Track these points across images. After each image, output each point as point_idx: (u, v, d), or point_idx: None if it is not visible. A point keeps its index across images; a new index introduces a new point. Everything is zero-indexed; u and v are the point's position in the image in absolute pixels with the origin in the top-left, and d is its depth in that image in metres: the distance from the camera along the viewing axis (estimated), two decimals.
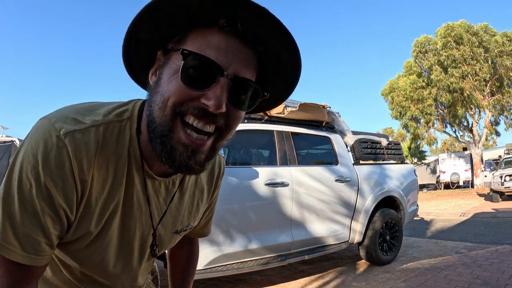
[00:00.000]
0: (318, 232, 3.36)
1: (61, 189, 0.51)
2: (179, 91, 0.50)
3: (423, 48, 19.15)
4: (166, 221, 0.69)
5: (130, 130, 0.57)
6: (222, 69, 0.50)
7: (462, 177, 20.17)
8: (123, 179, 0.58)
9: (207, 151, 0.55)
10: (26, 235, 0.51)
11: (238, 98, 0.53)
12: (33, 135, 0.52)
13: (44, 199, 0.51)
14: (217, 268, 2.70)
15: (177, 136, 0.52)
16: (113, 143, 0.55)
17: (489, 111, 18.41)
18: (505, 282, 2.96)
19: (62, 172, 0.51)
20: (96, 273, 0.65)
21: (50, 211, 0.52)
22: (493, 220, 7.84)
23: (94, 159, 0.53)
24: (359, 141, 4.10)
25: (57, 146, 0.50)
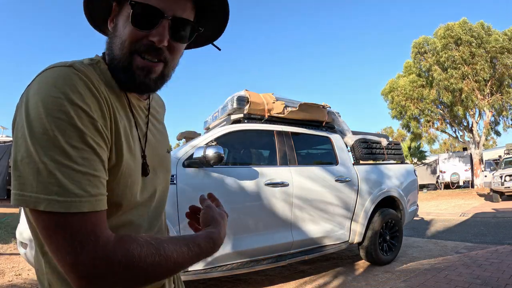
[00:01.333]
0: (318, 232, 3.36)
1: (94, 108, 0.55)
2: (132, 33, 0.63)
3: (422, 48, 19.16)
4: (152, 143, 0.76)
5: (105, 68, 0.66)
6: (163, 12, 0.63)
7: (462, 177, 20.17)
8: (125, 105, 0.67)
9: (159, 73, 0.67)
10: (85, 175, 0.50)
11: (178, 34, 0.66)
12: (44, 79, 0.54)
13: (86, 125, 0.52)
14: (217, 268, 2.70)
15: (135, 64, 0.64)
16: (101, 76, 0.63)
17: (488, 111, 18.42)
18: (505, 282, 2.96)
19: (90, 92, 0.56)
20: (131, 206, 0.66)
21: (96, 135, 0.53)
22: (493, 220, 7.84)
23: (99, 84, 0.59)
24: (359, 141, 4.10)
25: (74, 73, 0.55)
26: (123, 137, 0.62)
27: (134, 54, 0.63)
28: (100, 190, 0.52)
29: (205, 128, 4.37)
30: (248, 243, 2.87)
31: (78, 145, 0.50)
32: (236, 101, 3.25)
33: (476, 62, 17.04)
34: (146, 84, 0.66)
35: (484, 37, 17.22)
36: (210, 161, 2.58)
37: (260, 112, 3.36)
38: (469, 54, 17.07)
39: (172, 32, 0.65)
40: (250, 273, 3.68)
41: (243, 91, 3.32)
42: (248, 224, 2.90)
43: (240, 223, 2.84)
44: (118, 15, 0.66)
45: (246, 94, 3.28)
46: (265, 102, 3.39)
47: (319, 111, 3.80)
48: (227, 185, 2.79)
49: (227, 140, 3.09)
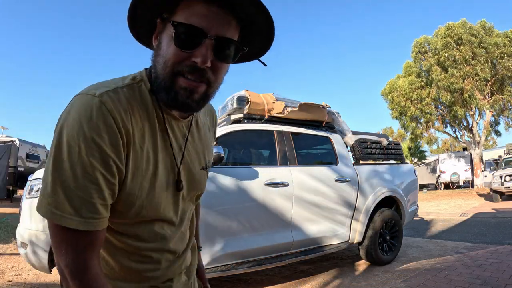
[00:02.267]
0: (318, 232, 3.36)
1: (108, 141, 0.59)
2: (175, 54, 0.63)
3: (423, 48, 19.15)
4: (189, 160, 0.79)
5: (146, 88, 0.69)
6: (205, 32, 0.62)
7: (462, 177, 20.16)
8: (156, 128, 0.69)
9: (201, 93, 0.67)
10: (80, 199, 0.58)
11: (221, 53, 0.66)
12: (71, 107, 0.60)
13: (94, 156, 0.58)
14: (217, 268, 2.70)
15: (178, 84, 0.64)
16: (137, 98, 0.67)
17: (489, 111, 18.41)
18: (505, 282, 2.96)
19: (106, 125, 0.59)
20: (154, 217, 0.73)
21: (101, 167, 0.59)
22: (493, 220, 7.84)
23: (129, 111, 0.63)
24: (359, 141, 4.10)
25: (96, 105, 0.59)
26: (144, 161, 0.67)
27: (177, 75, 0.64)
28: (93, 214, 0.59)
29: None
30: (248, 243, 2.87)
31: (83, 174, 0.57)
32: (236, 101, 3.25)
33: (476, 62, 17.03)
34: (188, 104, 0.66)
35: (485, 36, 17.21)
36: None
37: (260, 112, 3.36)
38: (469, 53, 17.06)
39: (215, 52, 0.64)
40: (250, 273, 3.68)
41: (243, 91, 3.32)
42: (248, 224, 2.90)
43: (240, 223, 2.84)
44: (162, 33, 0.67)
45: (246, 94, 3.28)
46: (265, 102, 3.39)
47: (319, 111, 3.80)
48: (227, 185, 2.79)
49: (227, 140, 3.09)
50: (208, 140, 0.87)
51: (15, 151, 12.50)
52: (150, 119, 0.68)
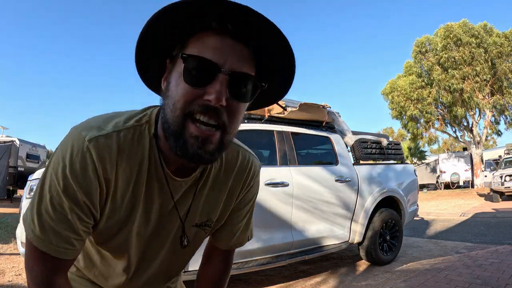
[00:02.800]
0: (318, 232, 3.36)
1: (85, 189, 0.59)
2: (185, 92, 0.56)
3: (424, 47, 19.14)
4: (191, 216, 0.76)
5: (149, 133, 0.64)
6: (219, 66, 0.55)
7: (462, 177, 20.17)
8: (144, 178, 0.65)
9: (216, 142, 0.59)
10: (54, 230, 0.59)
11: (237, 91, 0.58)
12: (63, 142, 0.61)
13: (70, 198, 0.59)
14: None
15: (188, 131, 0.57)
16: (134, 145, 0.63)
17: (489, 111, 18.40)
18: (505, 282, 2.96)
19: (85, 174, 0.59)
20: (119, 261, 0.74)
21: (76, 208, 0.59)
22: (493, 220, 7.84)
23: (117, 160, 0.61)
24: (359, 141, 4.10)
25: (82, 151, 0.58)
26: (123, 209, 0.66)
27: (187, 118, 0.57)
28: (65, 245, 0.60)
29: None
30: (248, 243, 2.87)
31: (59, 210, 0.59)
32: None
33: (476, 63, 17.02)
34: (199, 156, 0.58)
35: (484, 37, 17.20)
36: None
37: (260, 112, 3.36)
38: (469, 54, 17.06)
39: (230, 89, 0.57)
40: (250, 273, 3.67)
41: None
42: None
43: None
44: (171, 73, 0.61)
45: None
46: None
47: (319, 111, 3.79)
48: None
49: None
50: (212, 197, 0.76)
51: (15, 151, 12.50)
52: (142, 169, 0.64)
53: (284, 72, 0.64)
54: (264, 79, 0.62)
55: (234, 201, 0.82)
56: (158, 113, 0.66)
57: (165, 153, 0.65)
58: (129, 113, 0.66)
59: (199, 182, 0.72)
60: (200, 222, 0.78)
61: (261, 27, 0.56)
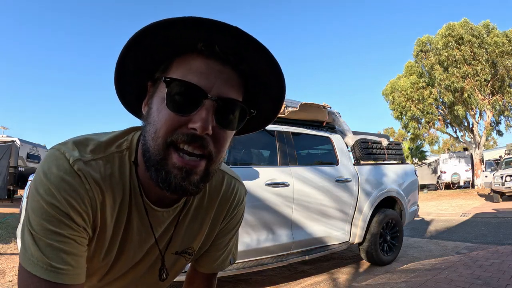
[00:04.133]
0: (318, 233, 3.36)
1: (76, 207, 0.54)
2: (168, 119, 0.52)
3: (425, 47, 19.13)
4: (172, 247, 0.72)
5: (129, 160, 0.60)
6: (205, 91, 0.51)
7: (463, 177, 20.15)
8: (126, 208, 0.61)
9: (201, 173, 0.55)
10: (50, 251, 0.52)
11: (225, 118, 0.54)
12: (45, 162, 0.55)
13: (59, 218, 0.52)
14: None
15: (171, 161, 0.53)
16: (115, 173, 0.58)
17: (489, 111, 18.39)
18: (505, 283, 2.95)
19: (75, 193, 0.53)
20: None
21: (68, 228, 0.53)
22: (494, 221, 7.83)
23: (101, 185, 0.56)
24: (359, 141, 4.10)
25: (70, 170, 0.54)
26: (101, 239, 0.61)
27: (170, 147, 0.52)
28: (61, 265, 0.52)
29: None
30: (248, 243, 2.87)
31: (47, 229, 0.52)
32: None
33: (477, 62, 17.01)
34: (183, 188, 0.54)
35: (485, 37, 17.19)
36: None
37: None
38: (470, 53, 17.05)
39: (217, 116, 0.53)
40: (250, 273, 3.67)
41: None
42: (249, 225, 2.89)
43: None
44: (153, 97, 0.56)
45: None
46: None
47: (320, 111, 3.79)
48: None
49: None
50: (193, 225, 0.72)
51: (16, 151, 12.51)
52: (124, 198, 0.60)
53: (273, 96, 0.61)
54: (252, 104, 0.59)
55: (217, 229, 0.78)
56: (139, 138, 0.61)
57: (145, 182, 0.60)
58: (110, 136, 0.61)
59: (181, 212, 0.68)
60: (181, 250, 0.74)
61: (251, 50, 0.53)
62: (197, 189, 0.55)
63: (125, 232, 0.63)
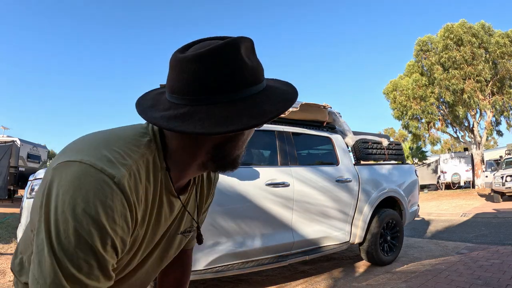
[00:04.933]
0: (319, 233, 3.36)
1: (122, 235, 0.55)
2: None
3: (425, 46, 19.11)
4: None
5: (159, 159, 0.63)
6: None
7: (463, 177, 20.14)
8: (155, 204, 0.65)
9: None
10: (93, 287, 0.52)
11: None
12: (80, 184, 0.51)
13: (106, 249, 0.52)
14: (218, 268, 2.70)
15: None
16: (149, 174, 0.61)
17: (490, 112, 18.38)
18: (506, 283, 2.95)
19: (124, 220, 0.54)
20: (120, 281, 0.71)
21: (111, 257, 0.54)
22: (494, 221, 7.83)
23: (142, 195, 0.59)
24: (360, 141, 4.09)
25: (116, 195, 0.52)
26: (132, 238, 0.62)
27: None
28: None
29: None
30: (248, 243, 2.87)
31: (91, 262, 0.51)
32: None
33: (477, 63, 16.99)
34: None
35: (485, 37, 17.18)
36: None
37: None
38: (470, 54, 17.03)
39: None
40: (251, 273, 3.67)
41: None
42: (249, 224, 2.89)
43: (240, 223, 2.84)
44: None
45: None
46: None
47: (320, 112, 3.79)
48: (228, 185, 2.79)
49: None
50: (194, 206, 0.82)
51: (16, 151, 12.52)
52: (155, 196, 0.64)
53: None
54: None
55: (206, 205, 0.89)
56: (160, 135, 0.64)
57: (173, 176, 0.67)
58: (131, 136, 0.62)
59: (190, 195, 0.78)
60: (184, 229, 0.80)
61: None
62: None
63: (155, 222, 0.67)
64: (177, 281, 0.94)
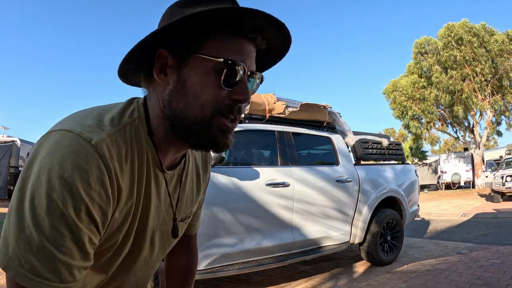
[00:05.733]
0: (318, 233, 3.36)
1: (100, 202, 0.52)
2: (216, 93, 0.58)
3: (423, 49, 19.12)
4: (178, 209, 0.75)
5: (143, 130, 0.62)
6: (246, 68, 0.59)
7: (463, 177, 20.13)
8: (143, 177, 0.62)
9: (233, 132, 0.64)
10: (64, 262, 0.49)
11: (253, 88, 0.65)
12: (57, 149, 0.50)
13: (82, 219, 0.50)
14: (218, 268, 2.70)
15: (216, 126, 0.60)
16: (133, 143, 0.60)
17: (490, 112, 18.37)
18: (506, 283, 2.95)
19: (101, 185, 0.51)
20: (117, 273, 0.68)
21: (88, 230, 0.51)
22: (494, 221, 7.83)
23: (123, 165, 0.57)
24: (360, 141, 4.10)
25: (92, 158, 0.51)
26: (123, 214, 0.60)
27: (215, 116, 0.59)
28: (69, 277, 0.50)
29: None
30: (248, 243, 2.87)
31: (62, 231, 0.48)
32: None
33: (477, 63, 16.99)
34: (227, 145, 0.62)
35: (485, 36, 17.17)
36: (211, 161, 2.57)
37: (261, 112, 3.36)
38: (470, 53, 17.03)
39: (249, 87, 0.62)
40: (250, 273, 3.68)
41: None
42: (249, 224, 2.90)
43: (240, 223, 2.84)
44: (184, 69, 0.59)
45: None
46: (266, 103, 3.39)
47: (320, 112, 3.80)
48: (228, 185, 2.79)
49: None
50: (192, 190, 0.80)
51: (16, 151, 12.52)
52: (142, 168, 0.61)
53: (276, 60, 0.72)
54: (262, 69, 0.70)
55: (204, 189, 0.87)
56: (144, 105, 0.64)
57: (159, 147, 0.64)
58: (114, 108, 0.62)
59: (182, 174, 0.74)
60: (184, 216, 0.78)
61: (273, 29, 0.62)
62: (231, 144, 0.64)
63: (145, 199, 0.64)
64: (185, 269, 0.94)
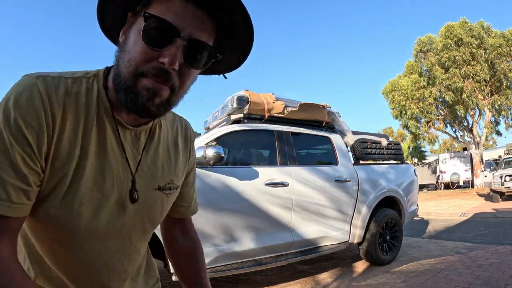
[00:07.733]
0: (318, 232, 3.36)
1: (31, 123, 0.55)
2: (141, 51, 0.57)
3: (425, 47, 19.10)
4: (143, 172, 0.70)
5: (97, 85, 0.64)
6: (178, 31, 0.57)
7: (462, 177, 20.15)
8: (93, 126, 0.62)
9: (164, 99, 0.60)
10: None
11: (192, 58, 0.60)
12: (12, 87, 0.57)
13: (13, 135, 0.53)
14: (217, 268, 2.70)
15: (140, 84, 0.58)
16: (82, 94, 0.61)
17: (489, 111, 18.40)
18: (505, 282, 2.96)
19: (32, 107, 0.55)
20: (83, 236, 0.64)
21: (20, 148, 0.54)
22: (493, 220, 7.84)
23: (64, 101, 0.58)
24: (359, 141, 4.10)
25: (29, 86, 0.56)
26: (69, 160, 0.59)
27: (140, 76, 0.58)
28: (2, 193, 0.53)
29: (205, 128, 4.37)
30: (248, 243, 2.87)
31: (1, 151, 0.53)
32: (236, 101, 3.24)
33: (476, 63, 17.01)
34: (147, 108, 0.59)
35: (484, 37, 17.20)
36: (210, 161, 2.57)
37: (260, 112, 3.36)
38: (469, 54, 17.05)
39: (185, 55, 0.59)
40: (250, 273, 3.68)
41: (243, 91, 3.32)
42: (248, 224, 2.89)
43: (239, 223, 2.84)
44: (131, 28, 0.61)
45: (246, 94, 3.28)
46: (265, 102, 3.39)
47: (319, 111, 3.80)
48: (227, 185, 2.79)
49: (227, 140, 3.08)
50: (168, 157, 0.76)
51: None
52: (89, 117, 0.61)
53: (241, 46, 0.68)
54: (221, 50, 0.64)
55: (186, 166, 0.84)
56: (106, 69, 0.66)
57: (115, 105, 0.64)
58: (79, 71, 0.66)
59: (150, 136, 0.72)
60: (163, 184, 0.74)
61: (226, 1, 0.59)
62: (158, 111, 0.61)
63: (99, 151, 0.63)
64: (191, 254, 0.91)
